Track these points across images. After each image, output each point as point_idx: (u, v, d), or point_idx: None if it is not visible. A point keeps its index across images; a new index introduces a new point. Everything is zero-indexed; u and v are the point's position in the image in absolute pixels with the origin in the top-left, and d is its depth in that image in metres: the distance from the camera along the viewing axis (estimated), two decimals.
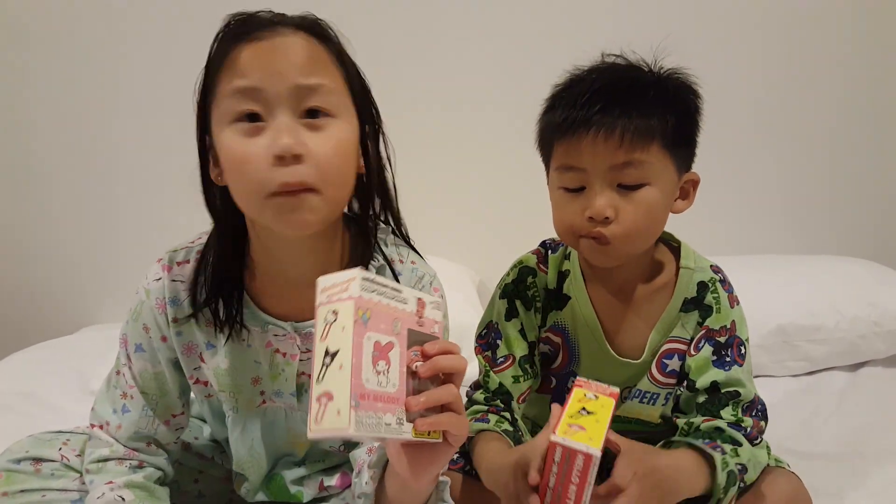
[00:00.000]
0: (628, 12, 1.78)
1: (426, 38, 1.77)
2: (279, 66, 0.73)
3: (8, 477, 0.85)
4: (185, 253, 0.87)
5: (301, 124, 0.73)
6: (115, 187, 1.89)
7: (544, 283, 1.01)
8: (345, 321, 0.57)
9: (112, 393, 0.89)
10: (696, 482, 0.84)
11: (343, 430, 0.54)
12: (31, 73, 1.80)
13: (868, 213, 1.93)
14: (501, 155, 1.85)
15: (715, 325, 0.94)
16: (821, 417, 1.36)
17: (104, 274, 1.95)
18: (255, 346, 0.87)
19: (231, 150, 0.73)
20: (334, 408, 0.55)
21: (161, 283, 0.85)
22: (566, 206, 0.90)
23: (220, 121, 0.75)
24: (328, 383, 0.56)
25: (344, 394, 0.55)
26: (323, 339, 0.58)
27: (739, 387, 0.92)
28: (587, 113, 0.85)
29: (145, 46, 1.80)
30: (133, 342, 0.87)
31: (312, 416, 0.56)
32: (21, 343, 1.73)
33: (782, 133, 1.86)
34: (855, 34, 1.81)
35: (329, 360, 0.57)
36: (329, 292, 0.60)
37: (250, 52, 0.73)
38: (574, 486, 0.70)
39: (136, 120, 1.84)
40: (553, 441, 0.70)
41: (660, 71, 0.90)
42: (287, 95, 0.73)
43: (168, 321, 0.85)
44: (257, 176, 0.72)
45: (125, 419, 0.87)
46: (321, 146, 0.73)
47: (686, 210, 0.93)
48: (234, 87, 0.73)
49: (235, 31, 0.76)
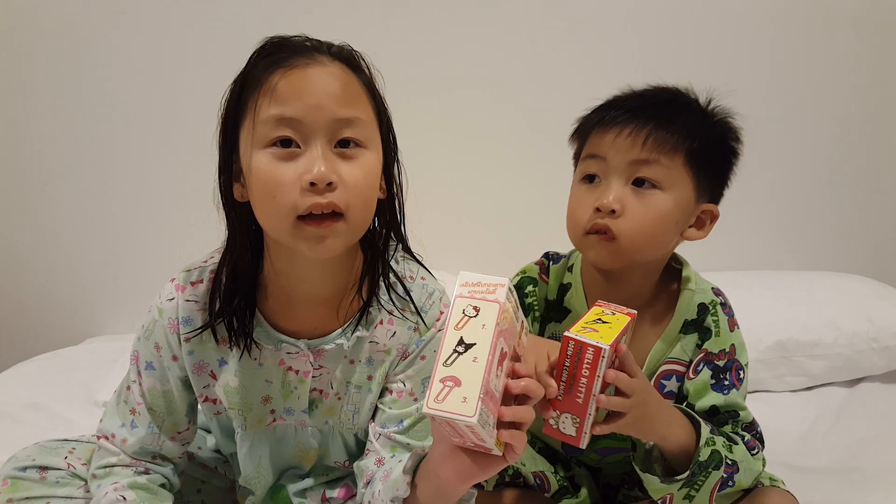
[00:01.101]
0: (636, 27, 1.81)
1: (432, 48, 1.77)
2: (318, 98, 0.75)
3: (13, 484, 0.86)
4: (199, 273, 0.88)
5: (334, 153, 0.76)
6: (121, 199, 1.89)
7: (544, 293, 1.02)
8: (486, 320, 0.62)
9: (121, 407, 0.90)
10: (675, 428, 0.85)
11: (466, 417, 0.58)
12: (36, 83, 1.80)
13: (866, 230, 1.94)
14: (507, 169, 1.87)
15: (714, 349, 0.95)
16: (819, 432, 1.37)
17: (109, 285, 1.95)
18: (266, 364, 0.89)
19: (264, 173, 0.75)
20: (460, 393, 0.60)
21: (174, 302, 0.86)
22: (580, 199, 0.93)
23: (252, 142, 0.77)
24: (457, 370, 0.61)
25: (475, 385, 0.59)
26: (458, 329, 0.63)
27: (739, 409, 0.94)
28: (622, 111, 0.90)
29: (155, 58, 1.81)
30: (144, 359, 0.89)
31: (432, 395, 0.60)
32: (26, 353, 1.74)
33: (781, 149, 1.87)
34: (854, 49, 1.83)
35: (462, 350, 0.61)
36: (471, 288, 0.65)
37: (289, 81, 0.75)
38: (585, 378, 0.73)
39: (143, 132, 1.84)
40: (566, 335, 0.74)
41: (708, 103, 0.94)
42: (324, 126, 0.75)
43: (180, 341, 0.87)
44: (289, 200, 0.74)
45: (132, 434, 0.88)
46: (352, 175, 0.76)
47: (698, 240, 0.95)
48: (272, 115, 0.75)
49: (273, 55, 0.78)
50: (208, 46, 1.78)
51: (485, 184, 1.88)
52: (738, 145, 0.94)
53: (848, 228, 1.94)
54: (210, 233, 0.89)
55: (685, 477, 0.84)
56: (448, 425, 0.63)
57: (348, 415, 0.93)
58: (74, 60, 1.80)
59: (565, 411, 0.75)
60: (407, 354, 0.91)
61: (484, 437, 0.63)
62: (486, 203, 1.89)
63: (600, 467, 1.07)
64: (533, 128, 1.82)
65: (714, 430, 0.88)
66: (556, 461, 1.06)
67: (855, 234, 1.94)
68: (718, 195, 0.95)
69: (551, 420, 0.76)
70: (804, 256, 1.93)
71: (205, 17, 1.78)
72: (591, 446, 1.01)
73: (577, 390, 0.74)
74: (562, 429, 0.76)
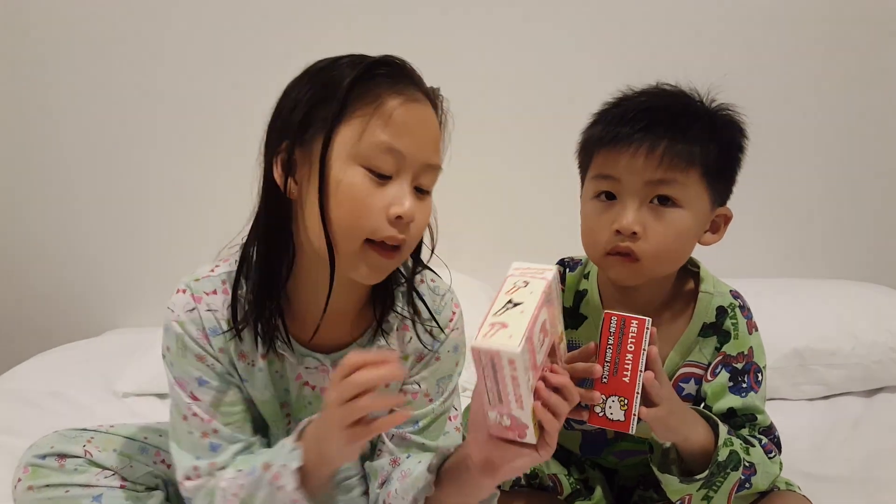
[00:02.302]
0: (633, 27, 1.80)
1: (445, 51, 1.78)
2: (424, 140, 0.79)
3: (34, 472, 0.88)
4: (211, 283, 0.85)
5: (413, 191, 0.79)
6: (144, 196, 1.92)
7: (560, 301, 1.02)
8: (534, 289, 0.67)
9: (187, 441, 0.84)
10: (694, 431, 0.85)
11: (511, 349, 0.62)
12: (60, 78, 1.84)
13: (887, 240, 1.92)
14: (523, 173, 1.87)
15: (732, 352, 0.95)
16: (835, 441, 1.36)
17: (130, 279, 1.98)
18: (286, 376, 0.89)
19: (357, 190, 0.76)
20: (506, 333, 0.63)
21: (196, 313, 0.83)
22: (595, 218, 0.91)
23: (351, 154, 0.76)
24: (505, 318, 0.64)
25: (520, 328, 0.63)
26: (508, 293, 0.67)
27: (757, 412, 0.93)
28: (632, 128, 0.87)
29: (180, 54, 1.83)
30: (192, 378, 0.83)
31: (480, 334, 0.64)
32: (48, 344, 1.77)
33: (799, 157, 1.86)
34: (875, 55, 1.82)
35: (511, 306, 0.65)
36: (521, 271, 0.70)
37: (407, 113, 0.76)
38: (630, 354, 0.74)
39: (163, 126, 1.87)
40: (608, 313, 0.76)
41: (711, 104, 0.92)
42: (417, 167, 0.78)
43: (215, 349, 0.84)
44: (371, 223, 0.76)
45: (217, 455, 0.83)
46: (421, 217, 0.80)
47: (714, 244, 0.94)
48: (386, 142, 0.75)
49: (393, 76, 0.78)
50: (227, 45, 1.81)
51: (504, 190, 1.89)
52: (745, 141, 0.93)
53: (869, 238, 1.92)
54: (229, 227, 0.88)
55: (704, 477, 0.84)
56: (491, 373, 0.64)
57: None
58: (101, 56, 1.83)
59: (612, 394, 0.75)
60: (422, 357, 0.91)
61: (523, 393, 0.64)
62: (497, 201, 1.90)
63: (616, 469, 1.07)
64: (547, 124, 1.81)
65: (731, 432, 0.88)
66: (570, 463, 1.07)
67: (875, 244, 1.92)
68: (729, 196, 0.95)
69: (597, 408, 0.76)
70: (824, 265, 1.91)
71: (233, 20, 1.80)
72: (608, 449, 1.02)
73: (624, 368, 0.74)
74: (609, 415, 0.75)
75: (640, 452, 1.02)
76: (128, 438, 0.95)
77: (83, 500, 0.88)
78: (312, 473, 0.76)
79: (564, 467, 1.04)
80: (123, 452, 0.93)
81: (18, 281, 2.00)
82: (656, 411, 0.78)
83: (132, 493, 0.91)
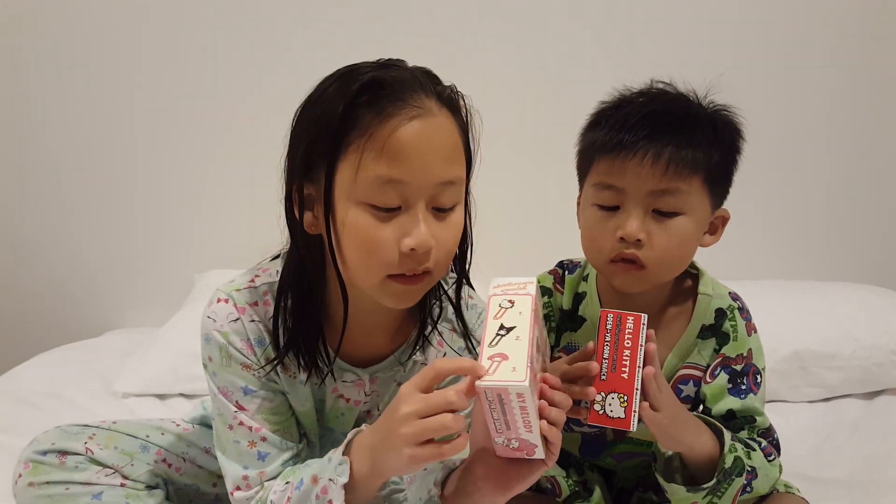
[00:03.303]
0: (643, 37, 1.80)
1: (450, 53, 1.79)
2: (427, 160, 0.72)
3: (34, 468, 0.88)
4: (252, 294, 0.84)
5: (431, 213, 0.74)
6: (139, 196, 1.92)
7: (559, 303, 1.02)
8: (522, 308, 0.67)
9: (234, 450, 0.83)
10: (698, 438, 0.85)
11: (518, 383, 0.62)
12: (55, 79, 1.84)
13: (888, 242, 1.92)
14: (521, 173, 1.87)
15: (731, 353, 0.95)
16: (835, 444, 1.36)
17: (128, 280, 1.98)
18: (325, 389, 0.89)
19: (363, 231, 0.73)
20: (509, 366, 0.63)
21: (240, 323, 0.82)
22: (597, 225, 0.90)
23: (350, 193, 0.73)
24: (503, 348, 0.65)
25: (522, 357, 0.63)
26: (497, 318, 0.67)
27: (756, 414, 0.93)
28: (636, 135, 0.85)
29: (176, 55, 1.83)
30: (237, 388, 0.83)
31: (482, 370, 0.64)
32: (46, 345, 1.76)
33: (796, 158, 1.86)
34: (877, 54, 1.82)
35: (504, 332, 0.66)
36: (503, 288, 0.71)
37: (401, 139, 0.71)
38: (628, 350, 0.75)
39: (162, 128, 1.87)
40: (604, 311, 0.76)
41: (709, 106, 0.91)
42: (428, 189, 0.73)
43: (259, 359, 0.83)
44: (384, 259, 0.73)
45: (266, 464, 0.82)
46: (446, 237, 0.76)
47: (712, 245, 0.94)
48: (381, 176, 0.71)
49: (381, 100, 0.72)
50: (226, 43, 1.81)
51: (503, 197, 1.87)
52: (743, 142, 0.92)
53: (869, 240, 1.92)
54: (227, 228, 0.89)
55: (711, 486, 0.84)
56: (497, 406, 0.64)
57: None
58: (95, 56, 1.83)
59: (612, 391, 0.75)
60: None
61: (531, 418, 0.65)
62: (503, 213, 1.89)
63: (615, 471, 1.07)
64: (548, 128, 1.81)
65: (734, 437, 0.88)
66: (569, 465, 1.07)
67: (876, 246, 1.93)
68: (726, 197, 0.95)
69: (597, 406, 0.76)
70: (823, 267, 1.91)
71: (226, 16, 1.80)
72: (607, 451, 1.02)
73: (622, 364, 0.74)
74: (609, 413, 0.75)
75: (639, 454, 1.02)
76: (129, 436, 0.95)
77: (83, 497, 0.88)
78: (361, 487, 0.74)
79: (563, 469, 1.04)
80: (124, 451, 0.93)
81: (18, 282, 2.00)
82: (657, 416, 0.78)
83: (132, 492, 0.91)
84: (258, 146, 0.87)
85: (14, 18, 1.80)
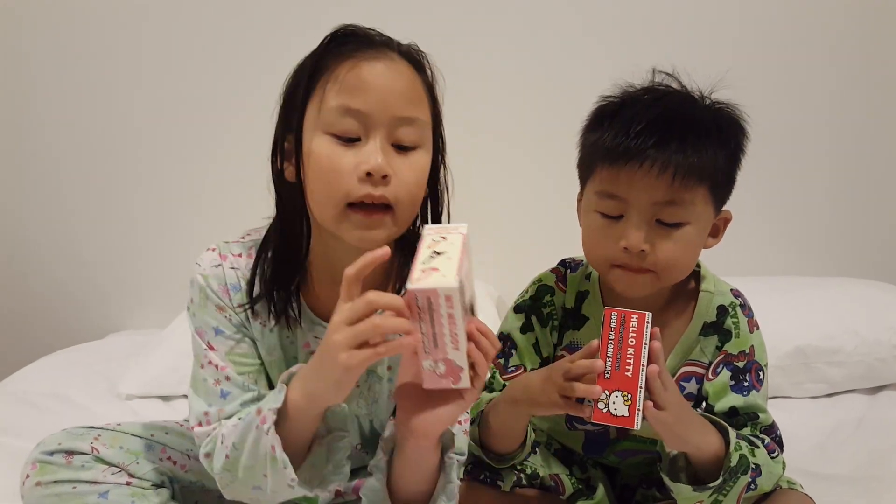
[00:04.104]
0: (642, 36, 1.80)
1: (450, 53, 1.79)
2: (384, 94, 0.78)
3: (42, 468, 0.89)
4: (239, 247, 0.90)
5: (392, 148, 0.80)
6: (141, 197, 1.93)
7: (562, 302, 1.02)
8: (454, 241, 0.70)
9: (202, 387, 0.87)
10: (705, 438, 0.85)
11: (448, 285, 0.64)
12: (56, 80, 1.85)
13: (890, 237, 1.92)
14: (522, 171, 1.88)
15: (734, 350, 0.95)
16: (838, 440, 1.36)
17: (131, 282, 1.99)
18: (297, 343, 0.91)
19: (323, 158, 0.79)
20: (439, 275, 0.65)
21: (220, 269, 0.88)
22: (601, 232, 0.89)
23: (315, 126, 0.80)
24: (434, 264, 0.67)
25: (451, 269, 0.65)
26: (429, 247, 0.70)
27: (759, 411, 0.93)
28: (642, 144, 0.83)
29: (175, 55, 1.84)
30: (210, 328, 0.88)
31: (414, 278, 0.66)
32: (50, 347, 1.77)
33: (797, 154, 1.86)
34: (879, 51, 1.82)
35: (436, 255, 0.68)
36: (437, 230, 0.73)
37: (359, 73, 0.78)
38: (632, 348, 0.75)
39: (163, 128, 1.88)
40: (608, 308, 0.77)
41: (713, 104, 0.90)
42: (386, 122, 0.79)
43: (233, 304, 0.88)
44: (343, 186, 0.78)
45: (227, 402, 0.86)
46: (405, 172, 0.80)
47: (714, 246, 0.94)
48: (340, 105, 0.78)
49: (345, 45, 0.81)
50: (227, 43, 1.82)
51: (503, 189, 1.89)
52: (747, 141, 0.91)
53: (872, 235, 1.92)
54: (230, 230, 0.90)
55: (717, 485, 0.84)
56: (427, 316, 0.66)
57: (366, 402, 0.95)
58: (95, 57, 1.84)
59: (616, 389, 0.76)
60: None
61: (459, 333, 0.66)
62: (503, 208, 1.90)
63: (618, 468, 1.07)
64: (548, 127, 1.82)
65: (738, 435, 0.88)
66: (573, 463, 1.07)
67: (878, 241, 1.92)
68: (728, 198, 0.94)
69: (601, 404, 0.76)
70: (826, 263, 1.91)
71: (224, 14, 1.80)
72: (610, 449, 1.02)
73: (626, 363, 0.75)
74: (613, 411, 0.76)
75: (643, 452, 1.02)
76: (134, 436, 0.96)
77: (90, 496, 0.88)
78: (296, 414, 0.76)
79: (566, 467, 1.04)
80: (130, 449, 0.94)
81: (22, 284, 2.00)
82: (662, 415, 0.78)
83: (138, 490, 0.91)
84: (260, 147, 0.88)
85: (17, 20, 1.80)
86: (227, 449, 0.81)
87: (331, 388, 0.72)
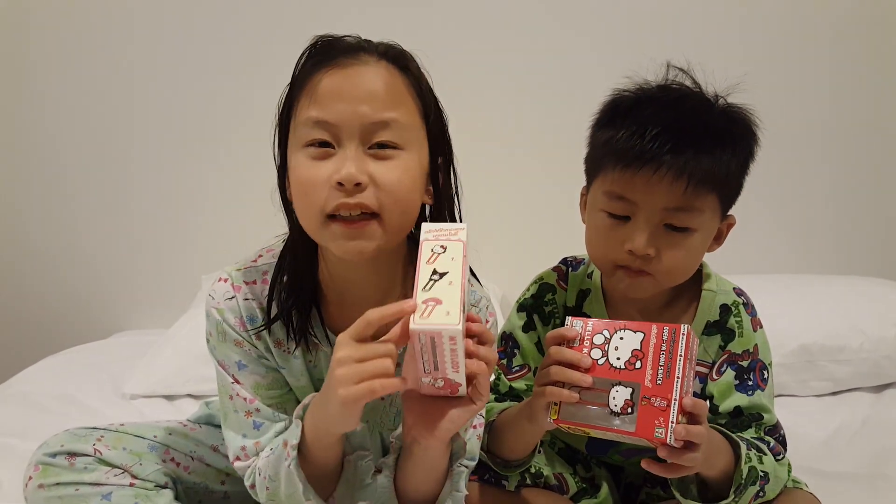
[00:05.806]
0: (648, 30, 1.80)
1: (450, 53, 1.79)
2: (354, 101, 0.77)
3: (44, 470, 0.89)
4: (252, 272, 0.89)
5: (368, 154, 0.78)
6: (145, 198, 1.93)
7: (563, 300, 1.02)
8: (454, 254, 0.69)
9: (234, 420, 0.87)
10: (720, 458, 0.84)
11: (452, 327, 0.64)
12: (60, 82, 1.85)
13: (894, 235, 1.91)
14: (525, 170, 1.88)
15: (737, 349, 0.94)
16: (844, 438, 1.36)
17: (135, 282, 2.00)
18: (320, 366, 0.90)
19: (299, 173, 0.79)
20: (443, 310, 0.65)
21: (235, 301, 0.87)
22: (606, 233, 0.88)
23: (294, 143, 0.80)
24: (436, 293, 0.66)
25: (454, 301, 0.66)
26: (430, 263, 0.69)
27: (763, 411, 0.93)
28: (657, 149, 0.81)
29: (177, 58, 1.84)
30: (233, 362, 0.88)
31: (418, 314, 0.66)
32: (55, 347, 1.78)
33: (807, 152, 1.86)
34: (884, 51, 1.81)
35: (437, 277, 0.68)
36: (435, 233, 0.72)
37: (329, 83, 0.77)
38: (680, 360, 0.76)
39: (166, 130, 1.88)
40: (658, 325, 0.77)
41: (727, 108, 0.88)
42: (358, 130, 0.77)
43: (251, 336, 0.88)
44: (320, 198, 0.77)
45: (261, 434, 0.86)
46: (385, 175, 0.78)
47: (716, 250, 0.93)
48: (309, 118, 0.78)
49: (318, 55, 0.80)
50: (230, 46, 1.82)
51: (506, 188, 1.89)
52: (758, 146, 0.90)
53: (876, 232, 1.91)
54: (233, 229, 0.90)
55: (729, 502, 0.84)
56: (430, 345, 0.66)
57: (391, 416, 0.94)
58: (98, 60, 1.84)
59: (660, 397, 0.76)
60: None
61: (459, 360, 0.67)
62: (506, 206, 1.90)
63: (622, 467, 1.07)
64: (552, 126, 1.81)
65: (746, 443, 0.88)
66: (577, 462, 1.07)
67: (883, 239, 1.92)
68: (734, 203, 0.93)
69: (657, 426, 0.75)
70: (831, 260, 1.91)
71: (232, 18, 1.81)
72: (614, 448, 1.02)
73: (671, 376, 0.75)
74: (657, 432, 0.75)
75: (648, 450, 1.02)
76: (137, 437, 0.96)
77: (93, 498, 0.89)
78: (313, 445, 0.77)
79: (570, 466, 1.04)
80: (133, 451, 0.94)
81: (26, 285, 2.01)
82: (693, 456, 0.76)
83: (141, 492, 0.92)
84: (263, 147, 0.88)
85: (20, 21, 1.81)
86: (266, 481, 0.82)
87: (336, 419, 0.73)
